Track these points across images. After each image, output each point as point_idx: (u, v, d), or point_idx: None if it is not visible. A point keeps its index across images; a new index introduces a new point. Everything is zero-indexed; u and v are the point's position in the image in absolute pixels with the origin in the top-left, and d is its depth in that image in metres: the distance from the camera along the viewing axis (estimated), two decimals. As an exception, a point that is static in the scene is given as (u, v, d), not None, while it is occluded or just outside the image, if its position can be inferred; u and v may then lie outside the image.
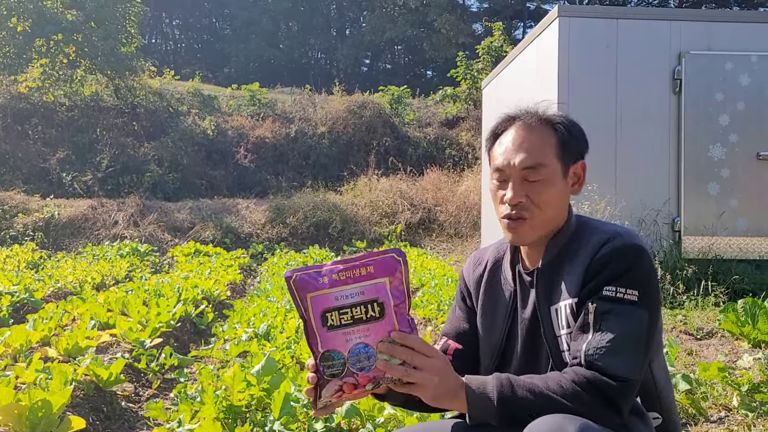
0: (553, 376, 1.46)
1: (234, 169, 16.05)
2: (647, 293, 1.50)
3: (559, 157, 1.61)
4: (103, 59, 17.02)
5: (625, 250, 1.52)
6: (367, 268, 1.40)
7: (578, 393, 1.41)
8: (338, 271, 1.39)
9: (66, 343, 4.27)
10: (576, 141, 1.65)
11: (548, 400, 1.41)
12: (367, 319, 1.39)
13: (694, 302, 5.91)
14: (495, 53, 17.67)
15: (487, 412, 1.42)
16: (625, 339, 1.45)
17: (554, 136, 1.62)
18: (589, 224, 1.64)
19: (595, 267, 1.53)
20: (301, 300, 1.39)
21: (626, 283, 1.49)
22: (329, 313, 1.38)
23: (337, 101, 18.02)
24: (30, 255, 10.59)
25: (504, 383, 1.44)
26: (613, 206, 6.40)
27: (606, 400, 1.41)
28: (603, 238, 1.55)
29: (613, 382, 1.41)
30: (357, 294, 1.39)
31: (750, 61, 6.64)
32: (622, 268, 1.50)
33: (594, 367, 1.44)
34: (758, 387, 3.25)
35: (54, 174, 15.09)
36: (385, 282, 1.40)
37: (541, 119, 1.65)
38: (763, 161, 6.62)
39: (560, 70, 6.78)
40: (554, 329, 1.58)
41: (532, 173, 1.59)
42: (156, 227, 12.90)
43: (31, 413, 2.91)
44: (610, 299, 1.48)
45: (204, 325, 6.04)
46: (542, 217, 1.60)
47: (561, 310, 1.56)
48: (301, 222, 13.09)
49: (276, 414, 2.92)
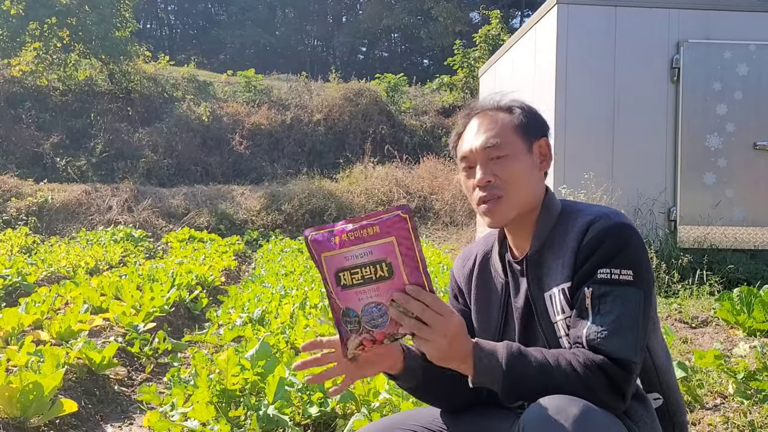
0: (564, 353, 1.44)
1: (229, 155, 15.98)
2: (640, 271, 1.49)
3: (518, 133, 1.62)
4: (97, 43, 16.88)
5: (613, 229, 1.51)
6: (374, 228, 1.40)
7: (587, 375, 1.40)
8: (347, 232, 1.40)
9: (58, 326, 4.24)
10: (534, 120, 1.65)
11: (554, 378, 1.40)
12: (377, 278, 1.40)
13: (689, 291, 5.91)
14: (492, 41, 17.61)
15: (493, 381, 1.42)
16: (624, 320, 1.44)
17: (509, 116, 1.64)
18: (574, 207, 1.63)
19: (585, 250, 1.51)
20: (317, 259, 1.42)
21: (619, 264, 1.48)
22: (342, 273, 1.40)
23: (333, 88, 17.93)
24: (23, 239, 10.53)
25: (514, 354, 1.42)
26: (610, 195, 6.38)
27: (612, 385, 1.40)
28: (589, 219, 1.54)
29: (618, 367, 1.40)
30: (366, 254, 1.40)
31: (748, 50, 6.61)
32: (614, 248, 1.49)
33: (598, 352, 1.42)
34: (754, 375, 3.25)
35: (48, 158, 15.00)
36: (392, 241, 1.40)
37: (496, 107, 1.67)
38: (760, 151, 6.62)
39: (558, 58, 6.75)
40: (549, 316, 1.57)
41: (494, 150, 1.60)
42: (150, 213, 12.85)
43: (23, 396, 2.88)
44: (606, 281, 1.47)
45: (198, 311, 6.02)
46: (516, 192, 1.60)
47: (555, 296, 1.55)
48: (297, 209, 13.06)
49: (270, 398, 2.90)
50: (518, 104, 1.67)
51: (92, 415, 3.41)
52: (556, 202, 1.65)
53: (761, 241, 6.67)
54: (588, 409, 1.34)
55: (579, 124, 6.71)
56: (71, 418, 3.20)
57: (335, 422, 2.93)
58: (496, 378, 1.41)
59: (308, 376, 1.61)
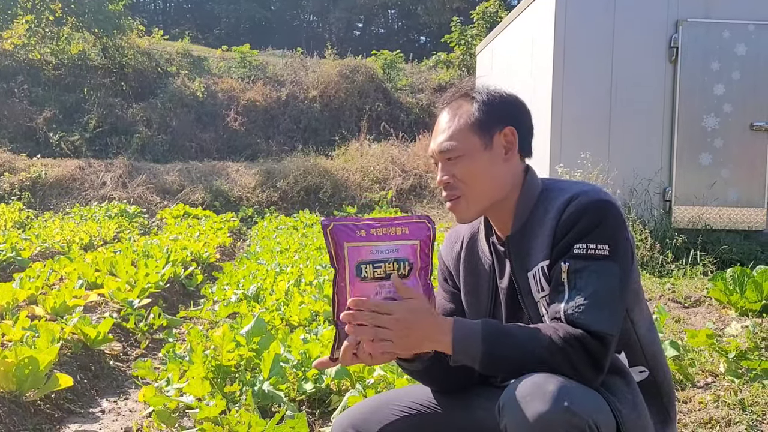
0: (543, 328, 1.46)
1: (224, 131, 15.88)
2: (617, 246, 1.50)
3: (474, 130, 1.60)
4: (90, 17, 16.65)
5: (591, 206, 1.51)
6: (403, 228, 1.48)
7: (565, 348, 1.41)
8: (377, 227, 1.46)
9: (53, 301, 4.24)
10: (493, 112, 1.62)
11: (533, 352, 1.42)
12: (398, 276, 1.45)
13: (682, 271, 5.94)
14: (490, 19, 17.46)
15: (473, 358, 1.44)
16: (601, 294, 1.46)
17: (470, 110, 1.62)
18: (555, 186, 1.63)
19: (563, 227, 1.52)
20: (338, 248, 1.43)
21: (595, 239, 1.49)
22: (364, 265, 1.43)
23: (329, 65, 17.79)
24: (17, 214, 10.48)
25: (492, 330, 1.45)
26: (606, 174, 6.38)
27: (590, 358, 1.42)
28: (568, 196, 1.54)
29: (595, 340, 1.42)
30: (392, 251, 1.46)
31: (747, 30, 6.57)
32: (590, 224, 1.50)
33: (576, 325, 1.44)
34: (745, 354, 3.28)
35: (41, 133, 14.88)
36: (417, 244, 1.48)
37: (461, 95, 1.66)
38: (757, 132, 6.61)
39: (556, 36, 6.70)
40: (533, 295, 1.58)
41: (449, 152, 1.61)
42: (145, 189, 12.80)
43: (18, 370, 2.89)
44: (582, 257, 1.48)
45: (193, 287, 6.02)
46: (474, 192, 1.61)
47: (537, 274, 1.56)
48: (292, 186, 13.02)
49: (265, 374, 2.92)
50: (479, 95, 1.64)
51: (87, 389, 3.42)
52: (535, 183, 1.64)
53: (755, 222, 6.70)
54: (564, 385, 1.36)
55: (576, 103, 6.68)
56: (67, 392, 3.22)
57: (330, 398, 2.95)
58: (475, 355, 1.44)
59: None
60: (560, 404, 1.32)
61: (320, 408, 2.94)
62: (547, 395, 1.33)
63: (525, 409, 1.34)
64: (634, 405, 1.52)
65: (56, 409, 3.09)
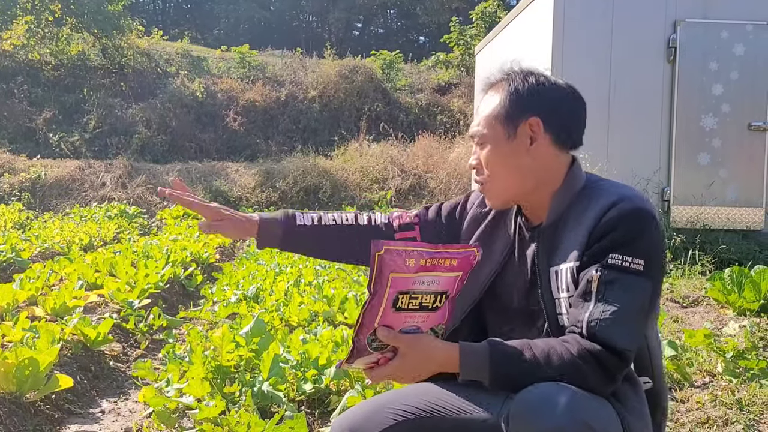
0: (555, 346, 1.42)
1: (223, 132, 15.89)
2: (653, 263, 1.44)
3: (500, 120, 1.57)
4: (89, 17, 16.67)
5: (633, 215, 1.45)
6: (452, 260, 1.41)
7: (578, 365, 1.38)
8: (426, 257, 1.38)
9: (53, 302, 4.24)
10: (523, 98, 1.57)
11: (544, 375, 1.39)
12: (432, 308, 1.42)
13: (681, 271, 5.96)
14: (489, 19, 17.47)
15: (481, 379, 1.45)
16: (628, 311, 1.42)
17: (498, 96, 1.59)
18: (599, 184, 1.57)
19: (600, 231, 1.46)
20: (382, 276, 1.36)
21: (633, 251, 1.43)
22: (402, 295, 1.37)
23: (328, 65, 17.80)
24: (16, 215, 10.49)
25: (500, 358, 1.42)
26: (604, 174, 6.37)
27: (606, 373, 1.39)
28: (610, 200, 1.48)
29: (614, 356, 1.39)
30: (433, 282, 1.40)
31: (745, 30, 6.59)
32: (630, 234, 1.44)
33: (595, 339, 1.40)
34: (743, 353, 3.29)
35: (40, 134, 14.89)
36: (459, 276, 1.44)
37: (491, 82, 1.64)
38: (755, 131, 6.62)
39: (555, 36, 6.71)
40: (552, 291, 1.54)
41: (479, 138, 1.60)
42: (144, 189, 12.81)
43: (18, 371, 2.89)
44: (616, 267, 1.43)
45: (193, 287, 6.03)
46: (494, 181, 1.59)
47: (562, 272, 1.52)
48: (291, 186, 13.03)
49: (265, 374, 2.93)
50: (512, 82, 1.59)
51: (88, 390, 3.43)
52: (578, 177, 1.58)
53: (754, 222, 6.71)
54: (576, 396, 1.33)
55: (575, 103, 6.68)
56: (67, 393, 3.22)
57: (329, 399, 2.96)
58: (483, 378, 1.44)
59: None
60: (572, 416, 1.30)
61: (319, 408, 2.96)
62: (559, 407, 1.30)
63: (535, 421, 1.31)
64: (641, 415, 1.50)
65: (56, 410, 3.10)
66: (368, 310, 1.38)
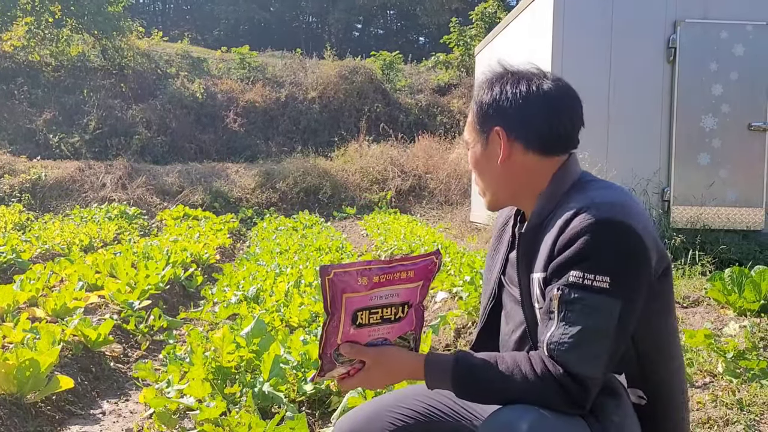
0: (521, 361, 1.38)
1: (223, 133, 15.90)
2: (620, 278, 1.31)
3: (476, 127, 1.58)
4: (89, 18, 16.68)
5: (596, 226, 1.33)
6: (408, 272, 1.40)
7: (540, 386, 1.34)
8: (380, 274, 1.37)
9: (54, 303, 4.24)
10: (486, 108, 1.54)
11: (508, 390, 1.37)
12: (395, 319, 1.42)
13: (681, 271, 5.95)
14: (489, 19, 17.48)
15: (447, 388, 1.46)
16: (588, 333, 1.32)
17: (474, 106, 1.59)
18: (583, 186, 1.48)
19: (562, 242, 1.37)
20: (335, 298, 1.35)
21: (595, 268, 1.31)
22: (360, 312, 1.37)
23: (328, 66, 17.81)
24: (17, 216, 10.49)
25: (463, 372, 1.41)
26: (604, 174, 6.38)
27: (568, 398, 1.33)
28: (576, 207, 1.38)
29: (574, 382, 1.32)
30: (392, 295, 1.40)
31: (745, 31, 6.58)
32: (591, 248, 1.32)
33: (556, 362, 1.34)
34: (743, 354, 3.29)
35: (41, 135, 14.90)
36: (419, 285, 1.43)
37: (487, 81, 1.62)
38: (755, 132, 6.62)
39: (554, 36, 6.70)
40: (531, 298, 1.49)
41: (467, 144, 1.62)
42: (144, 190, 12.81)
43: (19, 372, 2.90)
44: (577, 286, 1.32)
45: (193, 288, 6.03)
46: (483, 185, 1.60)
47: (534, 281, 1.47)
48: (291, 187, 13.04)
49: (265, 375, 2.93)
50: (480, 90, 1.58)
51: (88, 391, 3.43)
52: (564, 179, 1.49)
53: (754, 222, 6.71)
54: (539, 420, 1.30)
55: (574, 103, 6.69)
56: (68, 394, 3.23)
57: (330, 399, 2.96)
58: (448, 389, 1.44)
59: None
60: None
61: (320, 409, 2.96)
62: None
63: None
64: (620, 427, 1.40)
65: (57, 411, 3.10)
66: (328, 329, 1.38)
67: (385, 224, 9.84)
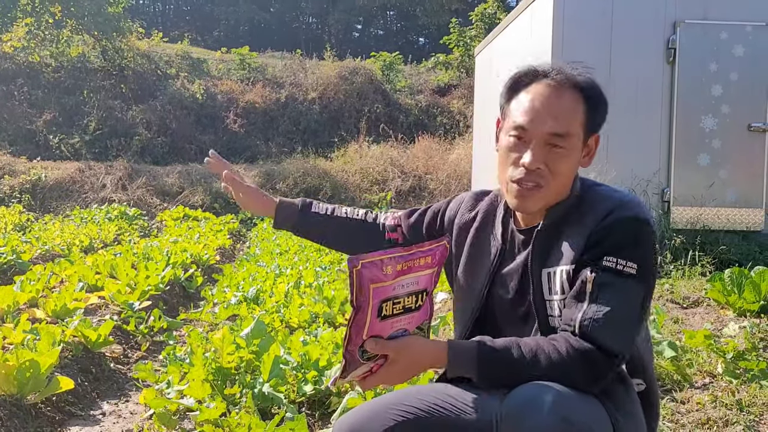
0: (543, 345, 1.44)
1: (223, 133, 15.91)
2: (646, 267, 1.48)
3: (582, 128, 1.56)
4: (89, 19, 16.69)
5: (630, 221, 1.49)
6: (426, 258, 1.42)
7: (565, 363, 1.41)
8: (401, 262, 1.39)
9: (54, 304, 4.25)
10: (599, 113, 1.60)
11: (531, 372, 1.41)
12: (415, 308, 1.44)
13: (681, 272, 5.95)
14: (488, 20, 17.49)
15: (469, 375, 1.47)
16: (620, 313, 1.44)
17: (582, 103, 1.57)
18: (596, 190, 1.59)
19: (597, 235, 1.49)
20: (363, 290, 1.36)
21: (627, 256, 1.47)
22: (385, 303, 1.38)
23: (328, 67, 17.82)
24: (17, 217, 10.50)
25: (488, 356, 1.45)
26: (604, 176, 6.38)
27: (593, 371, 1.41)
28: (608, 206, 1.51)
29: (604, 356, 1.42)
30: (413, 284, 1.42)
31: (745, 31, 6.59)
32: (625, 240, 1.48)
33: (587, 338, 1.43)
34: (743, 354, 3.29)
35: (40, 136, 14.91)
36: (435, 270, 1.45)
37: (572, 82, 1.58)
38: (755, 132, 6.62)
39: (554, 37, 6.70)
40: (543, 293, 1.55)
41: (559, 140, 1.53)
42: (144, 191, 12.82)
43: (19, 373, 2.90)
44: (610, 270, 1.46)
45: (193, 289, 6.04)
46: (556, 187, 1.55)
47: (555, 274, 1.53)
48: (291, 188, 13.04)
49: (265, 376, 2.93)
50: (592, 86, 1.60)
51: (88, 392, 3.43)
52: (576, 183, 1.61)
53: (753, 223, 6.71)
54: (561, 395, 1.35)
55: (574, 104, 6.69)
56: (68, 395, 3.23)
57: (329, 400, 2.96)
58: (471, 375, 1.47)
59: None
60: (558, 415, 1.32)
61: (320, 410, 2.96)
62: (546, 407, 1.32)
63: (522, 421, 1.33)
64: (633, 415, 1.51)
65: (57, 412, 3.10)
66: (354, 324, 1.39)
67: (385, 225, 9.83)
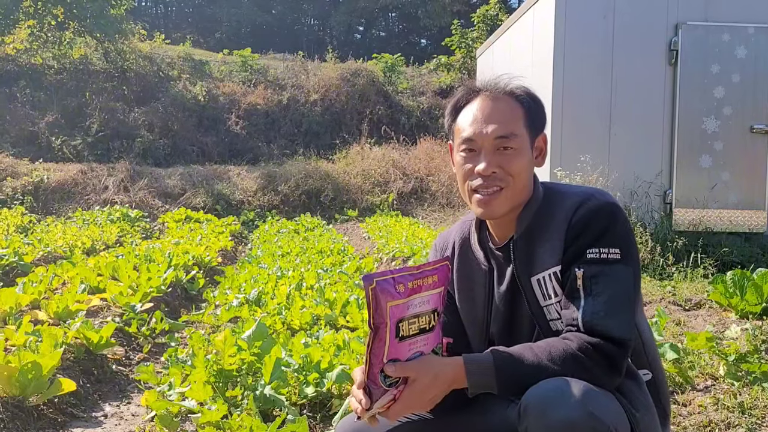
0: (555, 344, 1.45)
1: (225, 135, 15.91)
2: (628, 249, 1.52)
3: (527, 127, 1.61)
4: (92, 21, 16.70)
5: (600, 210, 1.52)
6: (433, 277, 1.42)
7: (581, 359, 1.42)
8: (411, 280, 1.38)
9: (56, 306, 4.25)
10: (539, 114, 1.65)
11: (550, 369, 1.42)
12: (429, 328, 1.42)
13: (683, 274, 5.95)
14: (490, 22, 17.49)
15: (490, 389, 1.46)
16: (617, 299, 1.48)
17: (520, 107, 1.62)
18: (557, 189, 1.63)
19: (574, 231, 1.53)
20: (380, 308, 1.34)
21: (608, 243, 1.50)
22: (402, 323, 1.37)
23: (330, 68, 17.82)
24: (19, 219, 10.51)
25: (505, 362, 1.44)
26: (606, 177, 6.39)
27: (609, 363, 1.44)
28: (576, 200, 1.55)
29: (614, 346, 1.44)
30: (425, 303, 1.41)
31: (747, 33, 6.59)
32: (602, 227, 1.51)
33: (594, 333, 1.44)
34: (745, 357, 3.28)
35: (43, 138, 14.92)
36: (442, 290, 1.45)
37: (505, 92, 1.64)
38: (756, 134, 6.62)
39: (556, 39, 6.71)
40: (538, 300, 1.57)
41: (505, 142, 1.58)
42: (146, 193, 12.82)
43: (21, 375, 2.90)
44: (596, 261, 1.49)
45: (195, 291, 6.04)
46: (516, 187, 1.59)
47: (545, 279, 1.55)
48: (293, 190, 13.04)
49: (267, 378, 2.93)
50: (526, 92, 1.65)
51: (90, 394, 3.44)
52: (539, 187, 1.65)
53: (756, 225, 6.70)
54: (588, 390, 1.37)
55: (576, 106, 6.70)
56: (70, 397, 3.23)
57: (331, 402, 2.96)
58: (492, 387, 1.45)
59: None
60: (584, 410, 1.33)
61: (321, 412, 2.96)
62: (572, 400, 1.34)
63: (549, 413, 1.34)
64: (647, 407, 1.54)
65: (59, 414, 3.10)
66: (375, 346, 1.36)
67: (387, 227, 9.84)
